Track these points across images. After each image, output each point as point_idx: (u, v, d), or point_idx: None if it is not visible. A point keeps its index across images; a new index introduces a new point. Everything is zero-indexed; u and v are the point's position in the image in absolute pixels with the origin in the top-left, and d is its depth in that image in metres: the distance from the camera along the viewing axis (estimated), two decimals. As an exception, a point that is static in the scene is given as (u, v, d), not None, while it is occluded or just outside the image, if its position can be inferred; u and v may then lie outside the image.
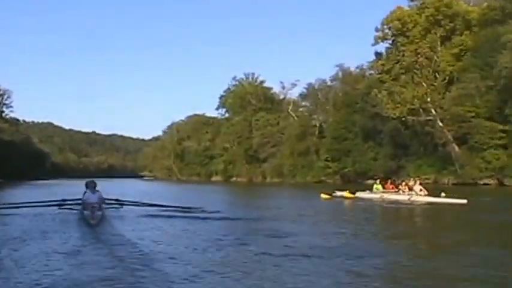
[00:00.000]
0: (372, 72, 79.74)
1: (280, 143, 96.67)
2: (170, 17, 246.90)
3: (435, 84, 64.02)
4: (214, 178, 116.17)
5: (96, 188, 17.57)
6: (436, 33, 64.96)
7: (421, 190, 30.22)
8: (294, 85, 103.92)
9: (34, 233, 13.39)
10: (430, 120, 63.73)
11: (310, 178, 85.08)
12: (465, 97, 58.72)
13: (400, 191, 31.43)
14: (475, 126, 57.94)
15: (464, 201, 26.01)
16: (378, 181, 35.60)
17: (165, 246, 11.37)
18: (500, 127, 56.83)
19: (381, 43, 71.99)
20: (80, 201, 18.19)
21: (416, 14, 67.36)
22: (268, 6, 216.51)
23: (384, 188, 33.50)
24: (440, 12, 65.09)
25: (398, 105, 64.30)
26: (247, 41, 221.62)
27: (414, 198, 29.32)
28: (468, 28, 64.78)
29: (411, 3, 69.39)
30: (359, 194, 33.17)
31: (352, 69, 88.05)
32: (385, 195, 31.38)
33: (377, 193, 32.58)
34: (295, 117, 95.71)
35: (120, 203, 19.34)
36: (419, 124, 64.39)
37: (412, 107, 63.70)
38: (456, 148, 61.70)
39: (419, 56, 64.32)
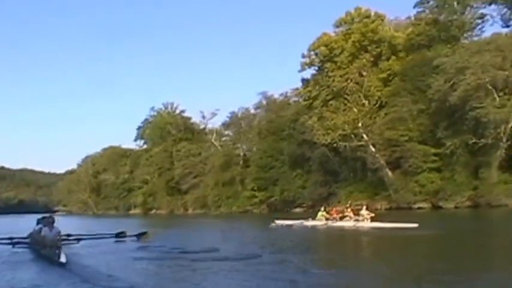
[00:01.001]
0: (297, 99, 76.89)
1: (203, 174, 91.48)
2: (80, 46, 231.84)
3: (366, 109, 61.17)
4: (132, 211, 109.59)
5: (54, 224, 16.57)
6: (364, 59, 62.52)
7: (368, 214, 29.50)
8: (214, 114, 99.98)
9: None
10: (362, 145, 60.66)
11: (236, 208, 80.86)
12: (398, 121, 56.18)
13: (347, 217, 30.35)
14: (409, 150, 55.32)
15: (416, 225, 25.08)
16: (322, 208, 33.96)
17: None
18: (433, 150, 54.56)
19: (308, 69, 68.82)
20: (27, 239, 17.80)
21: (343, 40, 64.78)
22: (184, 34, 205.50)
23: (329, 214, 32.21)
24: (367, 38, 62.88)
25: (330, 131, 60.92)
26: (165, 70, 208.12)
27: (362, 224, 28.60)
28: (394, 53, 62.78)
29: (337, 30, 66.80)
30: (306, 222, 31.81)
31: (276, 96, 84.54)
32: (337, 223, 30.14)
33: (322, 220, 31.42)
34: (219, 147, 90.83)
35: (77, 237, 18.79)
36: (351, 150, 61.15)
37: (344, 132, 60.45)
38: (389, 173, 58.83)
39: (348, 81, 61.44)
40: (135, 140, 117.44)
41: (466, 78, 47.84)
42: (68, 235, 18.97)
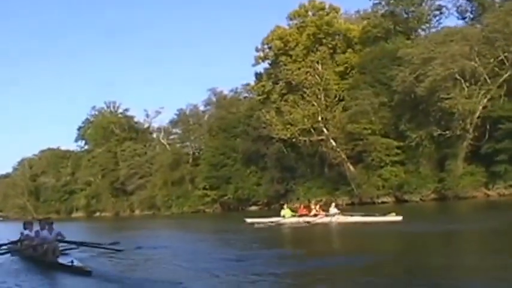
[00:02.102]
0: (247, 95, 73.02)
1: (150, 174, 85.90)
2: (17, 45, 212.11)
3: (325, 103, 57.64)
4: (75, 214, 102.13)
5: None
6: (324, 51, 58.92)
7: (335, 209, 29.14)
8: (158, 113, 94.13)
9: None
10: (322, 140, 57.15)
11: (187, 208, 75.87)
12: (359, 114, 52.85)
13: (319, 214, 29.22)
14: (371, 143, 52.10)
15: (400, 218, 24.67)
16: (285, 206, 32.86)
17: None
18: (396, 143, 51.65)
19: (262, 63, 64.66)
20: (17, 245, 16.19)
21: (297, 33, 61.01)
22: (122, 29, 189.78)
23: (295, 211, 31.12)
24: (322, 31, 59.25)
25: (289, 126, 57.12)
26: (105, 67, 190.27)
27: (346, 218, 27.77)
28: (350, 46, 59.68)
29: (290, 22, 62.90)
30: (284, 220, 30.03)
31: (226, 92, 79.78)
32: (320, 219, 28.50)
33: (293, 217, 30.10)
34: (167, 146, 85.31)
35: (80, 243, 16.92)
36: (311, 144, 57.57)
37: (303, 127, 56.75)
38: (351, 167, 55.51)
39: (307, 74, 57.70)
40: (76, 141, 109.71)
41: (435, 69, 45.04)
42: (61, 239, 16.31)
